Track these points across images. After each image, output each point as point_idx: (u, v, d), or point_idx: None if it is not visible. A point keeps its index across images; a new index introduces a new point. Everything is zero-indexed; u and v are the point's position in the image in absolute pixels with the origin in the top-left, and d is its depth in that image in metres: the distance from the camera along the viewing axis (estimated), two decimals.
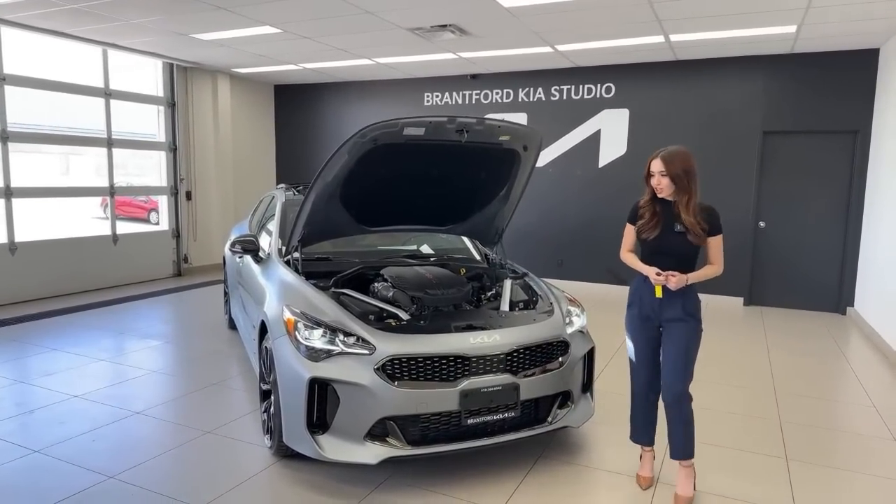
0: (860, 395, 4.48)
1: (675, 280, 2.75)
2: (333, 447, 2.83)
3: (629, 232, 3.00)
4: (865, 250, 6.74)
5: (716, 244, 2.84)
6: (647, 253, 2.91)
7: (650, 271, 2.81)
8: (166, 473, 3.10)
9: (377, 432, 2.84)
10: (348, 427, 2.83)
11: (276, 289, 3.47)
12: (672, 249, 2.83)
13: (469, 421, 2.92)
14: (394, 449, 2.83)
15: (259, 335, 3.52)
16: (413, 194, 3.73)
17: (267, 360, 3.30)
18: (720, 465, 3.26)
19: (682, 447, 2.84)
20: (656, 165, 2.83)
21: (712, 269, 2.85)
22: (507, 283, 3.76)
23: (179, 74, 8.66)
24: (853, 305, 6.99)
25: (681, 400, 2.80)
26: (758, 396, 4.33)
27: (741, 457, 3.37)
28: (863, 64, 6.74)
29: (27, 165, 6.90)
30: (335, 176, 3.31)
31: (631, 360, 3.02)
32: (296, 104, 10.17)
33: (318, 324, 2.96)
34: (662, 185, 2.81)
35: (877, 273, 6.16)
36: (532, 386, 3.04)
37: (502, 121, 3.43)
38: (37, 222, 7.29)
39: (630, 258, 3.01)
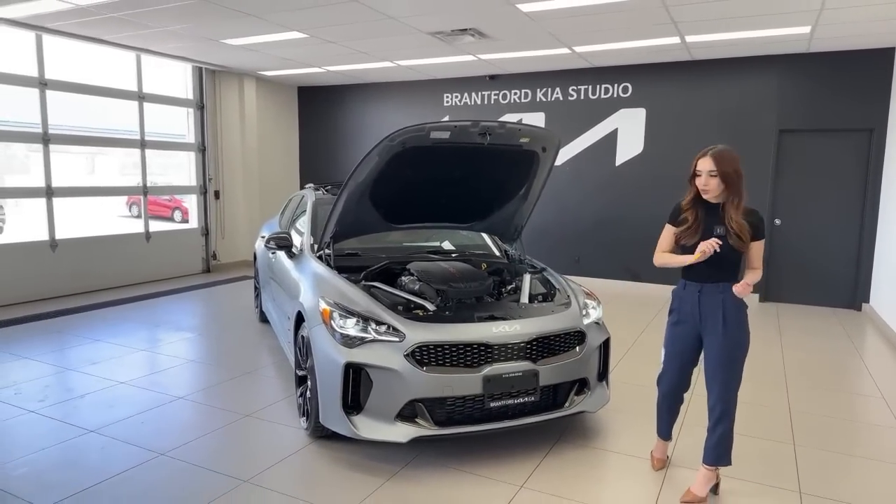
0: (870, 386, 4.61)
1: (741, 288, 2.68)
2: (367, 426, 3.07)
3: (667, 233, 2.94)
4: (881, 247, 6.82)
5: (758, 248, 2.80)
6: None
7: (698, 254, 2.69)
8: (212, 451, 3.36)
9: (407, 413, 3.07)
10: (380, 408, 3.06)
11: (310, 282, 3.71)
12: (712, 255, 2.76)
13: (492, 404, 3.13)
14: (422, 429, 3.06)
15: (295, 325, 3.77)
16: (437, 193, 3.94)
17: (303, 348, 3.55)
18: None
19: (713, 456, 2.83)
20: (705, 164, 2.73)
21: (757, 273, 2.81)
22: (527, 277, 3.97)
23: (208, 78, 8.98)
24: (868, 302, 7.08)
25: (723, 419, 2.79)
26: (769, 388, 4.48)
27: (750, 442, 3.54)
28: (878, 63, 6.82)
29: (56, 165, 7.23)
30: (366, 177, 3.54)
31: (661, 367, 3.05)
32: (319, 105, 10.44)
33: (352, 313, 3.19)
34: (711, 186, 2.72)
35: (892, 269, 6.25)
36: (550, 373, 3.24)
37: (523, 124, 3.63)
38: (67, 221, 7.62)
39: (666, 257, 2.93)
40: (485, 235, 4.86)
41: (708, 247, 2.67)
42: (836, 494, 2.98)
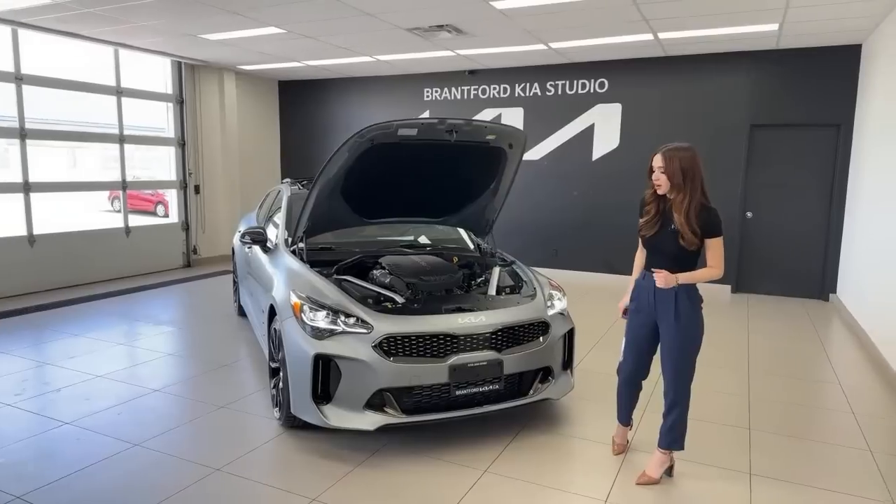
0: (829, 374, 4.78)
1: (662, 278, 2.83)
2: (336, 415, 3.17)
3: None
4: (847, 239, 7.02)
5: (714, 246, 2.85)
6: (647, 249, 3.02)
7: (623, 303, 3.14)
8: (186, 442, 3.44)
9: (375, 402, 3.17)
10: (349, 398, 3.16)
11: (283, 276, 3.79)
12: (666, 248, 2.89)
13: (458, 392, 3.25)
14: (390, 417, 3.16)
15: (268, 318, 3.85)
16: (409, 188, 4.04)
17: (276, 340, 3.63)
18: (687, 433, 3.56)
19: (667, 440, 2.99)
20: (656, 161, 2.87)
21: (709, 271, 2.85)
22: (496, 270, 4.08)
23: (187, 72, 8.97)
24: (835, 292, 7.28)
25: (676, 405, 2.94)
26: (732, 375, 4.64)
27: (707, 427, 3.68)
28: (846, 59, 6.99)
29: (37, 160, 7.22)
30: (336, 172, 3.63)
31: (621, 356, 3.18)
32: (299, 99, 10.46)
33: (322, 306, 3.28)
34: (661, 182, 2.86)
35: (858, 261, 6.44)
36: (515, 362, 3.36)
37: (489, 122, 3.74)
38: (49, 215, 7.60)
39: (634, 268, 3.16)
40: (460, 230, 4.96)
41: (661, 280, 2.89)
42: (785, 475, 3.13)
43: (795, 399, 4.23)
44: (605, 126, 8.30)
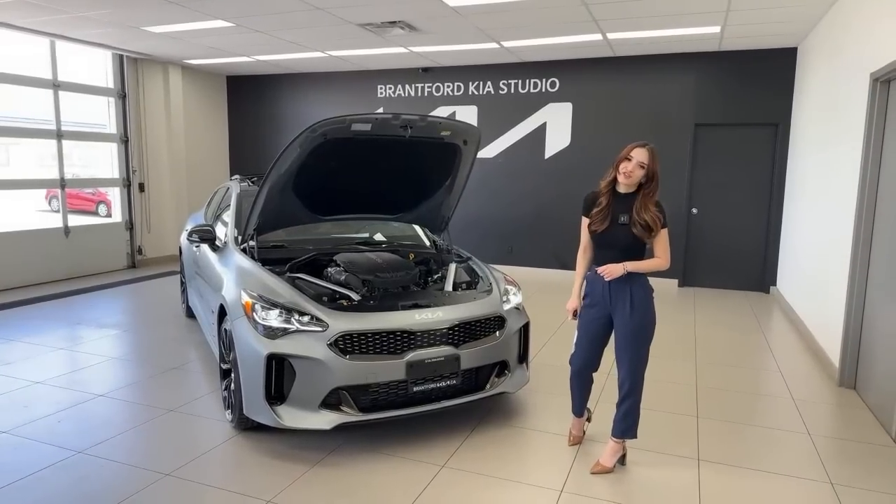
0: (770, 362, 5.00)
1: (607, 270, 2.92)
2: (291, 416, 3.11)
3: (585, 227, 3.09)
4: (786, 234, 7.34)
5: (661, 238, 2.95)
6: (596, 245, 3.07)
7: (573, 304, 3.17)
8: (133, 447, 3.32)
9: (331, 401, 3.13)
10: (304, 397, 3.11)
11: (233, 275, 3.70)
12: (617, 241, 2.95)
13: (415, 389, 3.24)
14: (346, 415, 3.13)
15: (218, 318, 3.75)
16: (364, 185, 4.00)
17: (226, 341, 3.54)
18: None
19: (620, 429, 3.05)
20: (641, 155, 2.88)
21: (657, 261, 2.95)
22: (452, 266, 4.09)
23: (130, 65, 8.63)
24: (776, 285, 7.61)
25: (630, 394, 3.00)
26: (680, 366, 4.79)
27: (657, 416, 3.78)
28: (783, 61, 7.31)
29: None
30: (288, 168, 3.56)
31: (573, 348, 3.22)
32: (249, 95, 10.22)
33: (275, 305, 3.22)
34: (634, 176, 2.88)
35: (795, 254, 6.75)
36: (472, 357, 3.38)
37: (443, 118, 3.74)
38: None
39: (577, 269, 3.17)
40: (416, 226, 4.94)
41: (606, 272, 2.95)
42: (730, 459, 3.25)
43: (739, 387, 4.41)
44: (556, 125, 8.43)
